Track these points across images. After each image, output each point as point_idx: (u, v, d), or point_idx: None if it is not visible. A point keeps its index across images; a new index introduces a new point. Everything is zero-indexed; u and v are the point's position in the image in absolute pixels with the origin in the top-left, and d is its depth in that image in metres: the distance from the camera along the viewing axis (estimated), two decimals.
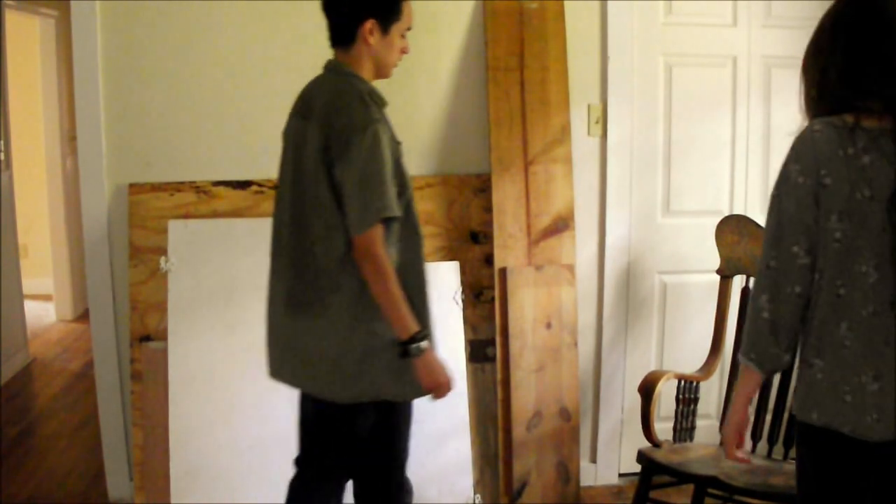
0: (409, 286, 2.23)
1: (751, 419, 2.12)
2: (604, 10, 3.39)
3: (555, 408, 3.31)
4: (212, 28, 3.25)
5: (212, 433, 3.03)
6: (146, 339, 3.20)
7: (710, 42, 3.50)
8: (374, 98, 2.25)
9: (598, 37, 3.41)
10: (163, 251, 3.15)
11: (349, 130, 2.14)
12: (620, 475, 3.61)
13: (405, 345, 2.18)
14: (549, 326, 3.31)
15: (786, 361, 1.90)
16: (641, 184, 3.50)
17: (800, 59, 1.92)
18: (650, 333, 3.58)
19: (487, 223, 3.34)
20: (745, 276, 3.09)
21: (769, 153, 3.53)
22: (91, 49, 3.20)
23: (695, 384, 3.02)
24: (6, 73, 4.94)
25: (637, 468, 2.90)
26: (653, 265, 3.55)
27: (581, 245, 3.45)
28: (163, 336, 3.15)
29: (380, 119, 2.19)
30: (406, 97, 3.29)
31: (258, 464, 3.01)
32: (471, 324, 3.33)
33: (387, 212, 2.14)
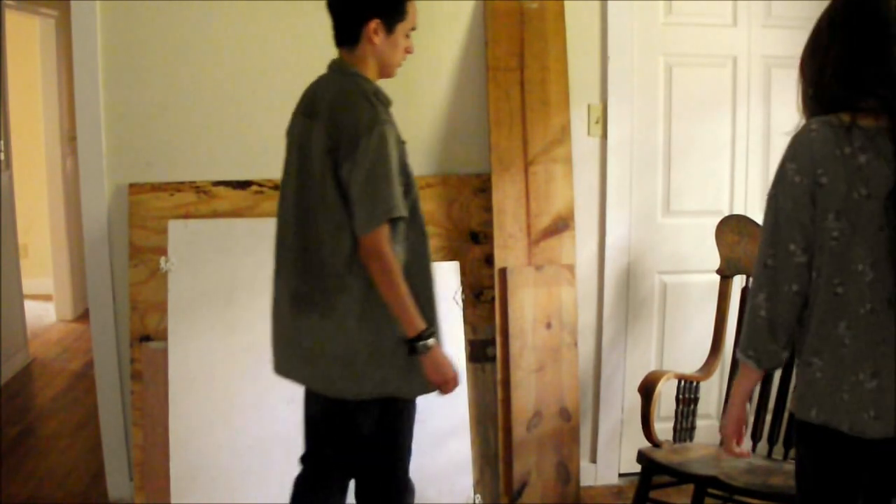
0: (416, 284, 2.24)
1: (750, 418, 2.13)
2: (604, 10, 3.39)
3: (555, 408, 3.31)
4: (212, 28, 3.26)
5: (212, 433, 3.03)
6: (146, 339, 3.20)
7: (710, 42, 3.50)
8: (380, 98, 2.25)
9: (598, 37, 3.41)
10: (163, 251, 3.15)
11: (356, 130, 2.14)
12: (620, 475, 3.61)
13: (413, 342, 2.19)
14: (549, 326, 3.31)
15: (783, 358, 1.92)
16: (641, 184, 3.50)
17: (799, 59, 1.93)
18: (650, 333, 3.58)
19: (487, 223, 3.34)
20: (745, 276, 3.09)
21: (769, 153, 3.53)
22: (91, 49, 3.20)
23: (695, 384, 3.02)
24: (6, 73, 4.94)
25: (637, 468, 2.90)
26: (653, 265, 3.55)
27: (581, 245, 3.45)
28: (163, 336, 3.15)
29: (387, 119, 2.19)
30: (406, 97, 3.27)
31: (258, 464, 3.02)
32: (471, 324, 3.33)
33: (394, 212, 2.15)
